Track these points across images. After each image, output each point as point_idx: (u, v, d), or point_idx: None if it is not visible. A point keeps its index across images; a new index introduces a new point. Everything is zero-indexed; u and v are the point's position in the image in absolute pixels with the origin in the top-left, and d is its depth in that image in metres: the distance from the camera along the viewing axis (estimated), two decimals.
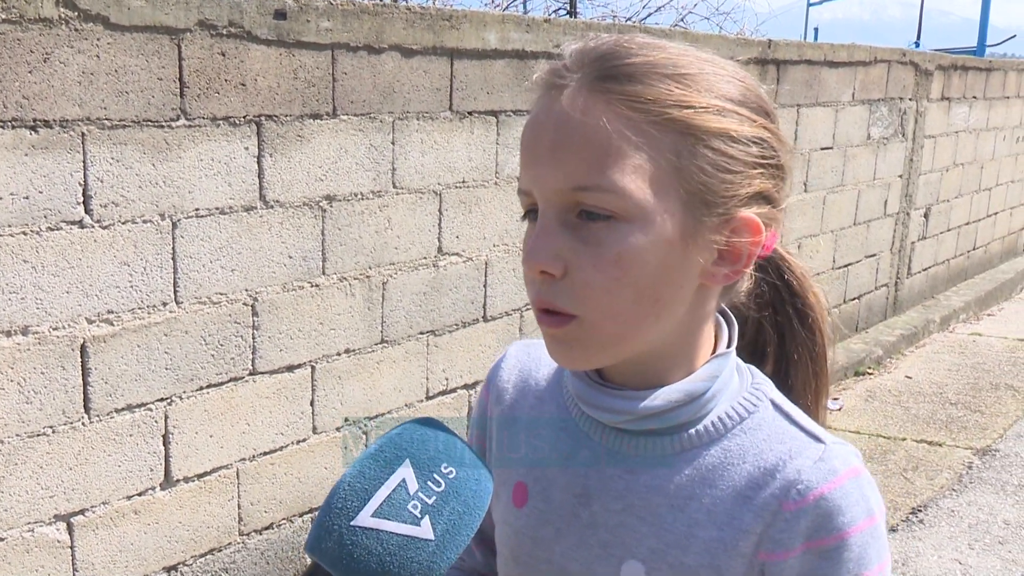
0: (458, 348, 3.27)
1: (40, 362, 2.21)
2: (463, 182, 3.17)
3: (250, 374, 2.66)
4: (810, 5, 18.00)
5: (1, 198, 2.10)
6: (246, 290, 2.61)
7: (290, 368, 2.76)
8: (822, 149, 5.17)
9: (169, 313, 2.44)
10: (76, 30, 2.16)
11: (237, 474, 2.68)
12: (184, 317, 2.47)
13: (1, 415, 2.17)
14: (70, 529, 2.33)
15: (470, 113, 3.14)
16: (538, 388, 1.01)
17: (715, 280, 0.87)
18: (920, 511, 3.81)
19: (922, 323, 6.24)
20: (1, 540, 2.21)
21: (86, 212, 2.24)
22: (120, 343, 2.35)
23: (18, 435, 2.20)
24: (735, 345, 0.93)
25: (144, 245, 2.36)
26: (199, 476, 2.58)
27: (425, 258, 3.09)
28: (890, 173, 5.91)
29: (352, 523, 0.74)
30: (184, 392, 2.50)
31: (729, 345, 0.92)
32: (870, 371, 5.51)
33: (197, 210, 2.46)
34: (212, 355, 2.56)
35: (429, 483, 0.76)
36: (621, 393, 0.90)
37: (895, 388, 5.29)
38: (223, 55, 2.44)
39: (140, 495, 2.45)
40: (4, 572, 2.21)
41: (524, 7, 7.64)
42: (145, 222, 2.36)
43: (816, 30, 18.83)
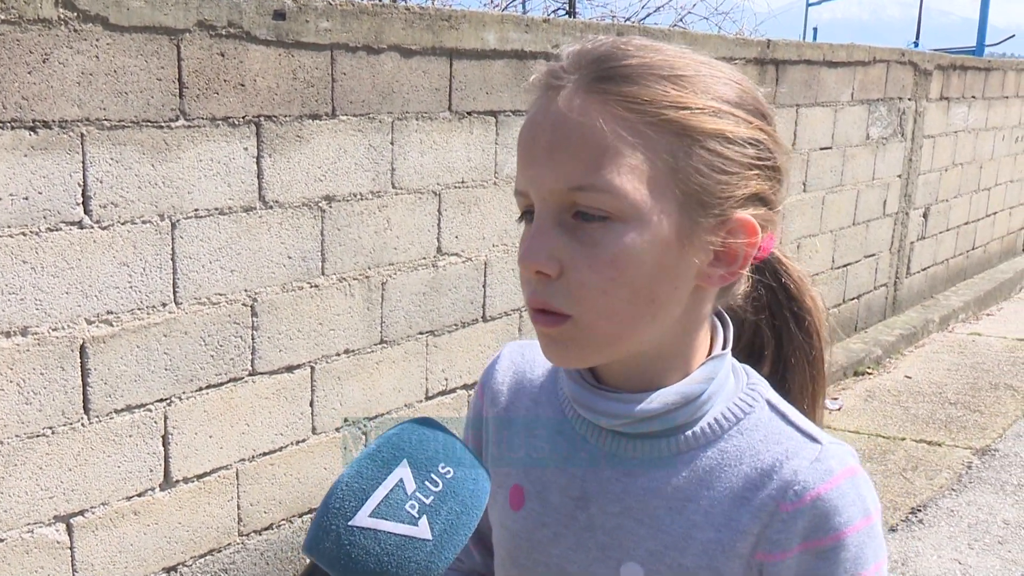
0: (457, 348, 3.27)
1: (39, 363, 2.21)
2: (462, 182, 3.17)
3: (249, 375, 2.67)
4: (809, 5, 17.99)
5: (0, 199, 2.10)
6: (245, 290, 2.61)
7: (289, 368, 2.77)
8: (821, 149, 5.18)
9: (168, 314, 2.44)
10: (75, 31, 2.16)
11: (236, 475, 2.68)
12: (183, 318, 2.47)
13: (0, 416, 2.17)
14: (69, 530, 2.33)
15: (469, 113, 3.14)
16: (533, 389, 1.01)
17: (711, 281, 0.87)
18: (920, 511, 3.81)
19: (921, 323, 6.24)
20: (1, 541, 2.21)
21: (85, 213, 2.25)
22: (119, 344, 2.35)
23: (17, 436, 2.20)
24: (731, 347, 0.93)
25: (143, 246, 2.36)
26: (199, 477, 2.58)
27: (424, 258, 3.10)
28: (889, 173, 5.91)
29: (350, 523, 0.75)
30: (183, 393, 2.50)
31: (725, 347, 0.92)
32: (869, 371, 5.51)
33: (196, 211, 2.46)
34: (211, 356, 2.56)
35: (427, 483, 0.77)
36: (617, 396, 0.90)
37: (894, 388, 5.29)
38: (222, 55, 2.44)
39: (140, 496, 2.46)
40: (4, 573, 2.21)
41: (523, 7, 7.64)
42: (144, 223, 2.36)
43: (815, 30, 18.81)
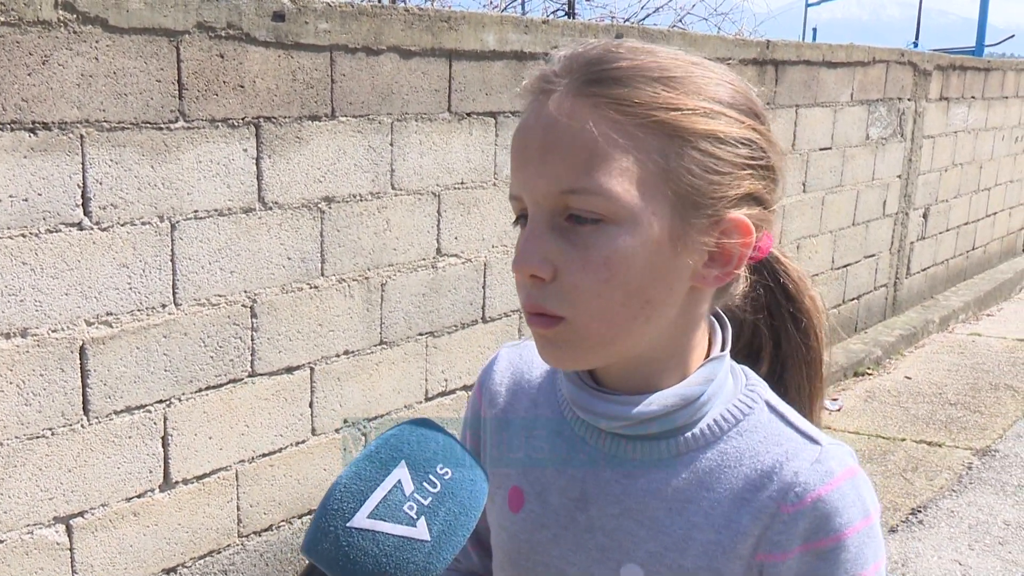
0: (457, 349, 3.27)
1: (39, 364, 2.21)
2: (462, 183, 3.17)
3: (249, 376, 2.66)
4: (808, 5, 17.98)
5: (0, 200, 2.10)
6: (245, 292, 2.61)
7: (289, 370, 2.77)
8: (821, 149, 5.18)
9: (168, 315, 2.44)
10: (75, 32, 2.16)
11: (236, 476, 2.68)
12: (183, 319, 2.47)
13: (0, 417, 2.17)
14: (69, 531, 2.33)
15: (469, 114, 3.14)
16: (531, 390, 1.01)
17: (706, 282, 0.87)
18: (920, 512, 3.81)
19: (921, 323, 6.24)
20: (0, 542, 2.21)
21: (85, 214, 2.25)
22: (119, 345, 2.35)
23: (17, 437, 2.20)
24: (729, 348, 0.93)
25: (143, 247, 2.36)
26: (198, 478, 2.58)
27: (424, 259, 3.10)
28: (889, 173, 5.91)
29: (348, 524, 0.75)
30: (183, 394, 2.50)
31: (723, 348, 0.92)
32: (869, 371, 5.51)
33: (196, 212, 2.46)
34: (211, 357, 2.56)
35: (425, 484, 0.77)
36: (616, 398, 0.90)
37: (894, 388, 5.29)
38: (222, 57, 2.45)
39: (139, 497, 2.46)
40: (4, 574, 2.21)
41: (522, 8, 7.64)
42: (144, 224, 2.36)
43: (814, 30, 18.80)
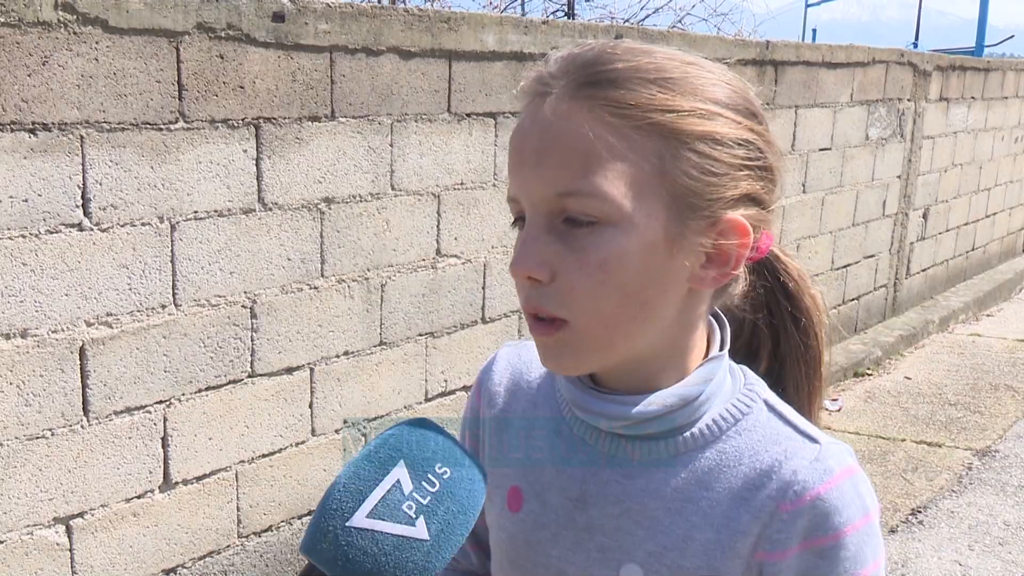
0: (457, 350, 3.27)
1: (39, 365, 2.21)
2: (461, 184, 3.17)
3: (249, 376, 2.67)
4: (808, 6, 17.98)
5: (0, 201, 2.10)
6: (245, 292, 2.61)
7: (289, 370, 2.77)
8: (820, 150, 5.18)
9: (168, 316, 2.44)
10: (75, 33, 2.16)
11: (236, 476, 2.68)
12: (183, 319, 2.48)
13: (0, 418, 2.17)
14: (69, 532, 2.33)
15: (468, 115, 3.14)
16: (530, 391, 1.01)
17: (703, 283, 0.87)
18: (920, 512, 3.81)
19: (921, 324, 6.24)
20: (0, 543, 2.21)
21: (85, 215, 2.25)
22: (119, 346, 2.35)
23: (17, 438, 2.20)
24: (727, 348, 0.93)
25: (143, 248, 2.36)
26: (198, 478, 2.58)
27: (424, 260, 3.10)
28: (889, 174, 5.92)
29: (347, 524, 0.75)
30: (183, 394, 2.50)
31: (722, 348, 0.92)
32: (869, 372, 5.51)
33: (196, 212, 2.46)
34: (211, 357, 2.56)
35: (423, 483, 0.77)
36: (615, 398, 0.90)
37: (894, 389, 5.29)
38: (221, 58, 2.45)
39: (139, 497, 2.46)
40: (3, 574, 2.21)
41: (522, 9, 7.64)
42: (144, 225, 2.36)
43: (814, 31, 18.80)
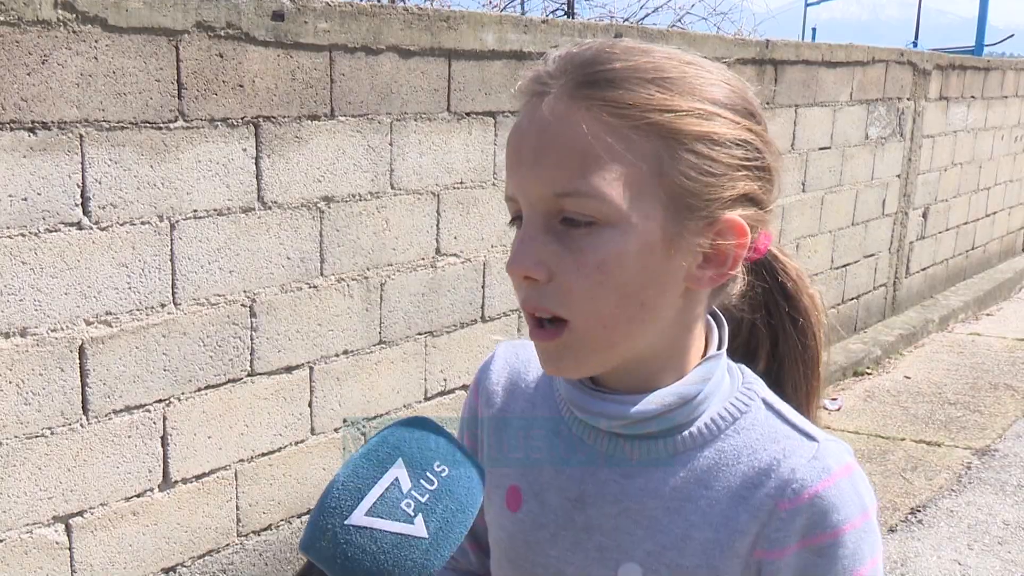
0: (456, 349, 3.27)
1: (38, 364, 2.21)
2: (461, 183, 3.17)
3: (248, 375, 2.67)
4: (808, 5, 17.99)
5: None
6: (244, 291, 2.61)
7: (288, 369, 2.77)
8: (820, 149, 5.18)
9: (167, 314, 2.44)
10: (74, 32, 2.16)
11: (235, 475, 2.68)
12: (182, 318, 2.48)
13: (0, 416, 2.17)
14: (68, 530, 2.33)
15: (468, 114, 3.14)
16: (528, 390, 1.01)
17: (701, 284, 0.87)
18: (919, 511, 3.81)
19: (921, 323, 6.24)
20: (0, 541, 2.21)
21: (84, 214, 2.25)
22: (118, 344, 2.35)
23: (16, 436, 2.20)
24: (726, 347, 0.93)
25: (142, 247, 2.36)
26: (197, 477, 2.58)
27: (423, 259, 3.10)
28: (888, 173, 5.92)
29: (346, 522, 0.75)
30: (182, 393, 2.50)
31: (720, 347, 0.92)
32: (869, 371, 5.51)
33: (195, 211, 2.46)
34: (210, 356, 2.56)
35: (422, 481, 0.77)
36: (613, 398, 0.90)
37: (894, 388, 5.29)
38: (221, 56, 2.45)
39: (138, 496, 2.46)
40: (3, 573, 2.21)
41: (522, 8, 7.65)
42: (143, 224, 2.36)
43: (814, 30, 18.81)
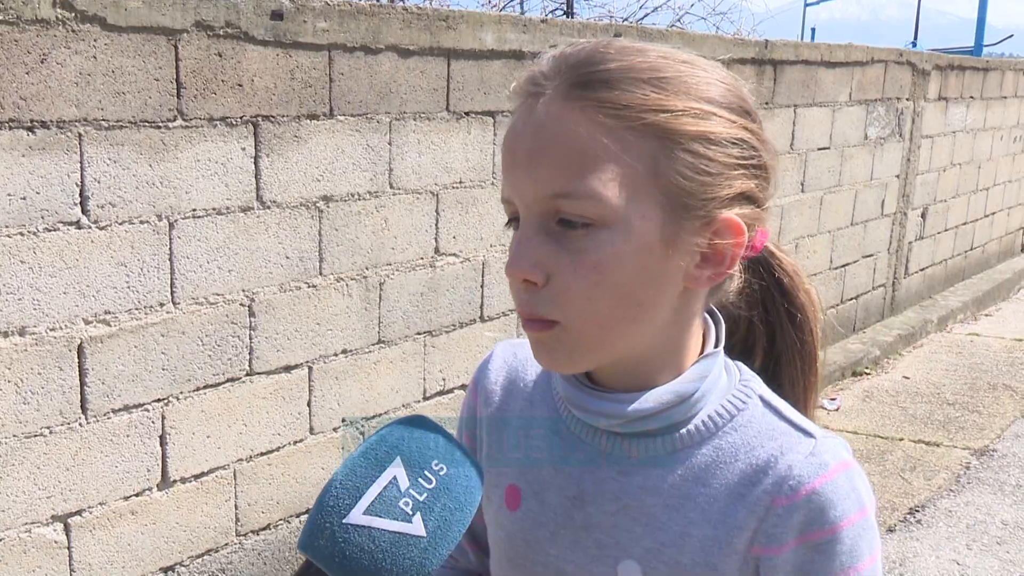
0: (455, 348, 3.27)
1: (37, 363, 2.21)
2: (460, 182, 3.17)
3: (247, 375, 2.67)
4: (807, 5, 18.00)
5: None
6: (243, 291, 2.61)
7: (287, 368, 2.77)
8: (819, 149, 5.18)
9: (166, 314, 2.44)
10: (73, 31, 2.16)
11: (234, 475, 2.68)
12: (181, 318, 2.48)
13: None
14: (67, 530, 2.33)
15: (467, 113, 3.14)
16: (527, 389, 1.01)
17: (698, 283, 0.87)
18: (918, 511, 3.81)
19: (919, 323, 6.24)
20: None
21: (83, 213, 2.25)
22: (117, 344, 2.35)
23: (15, 436, 2.20)
24: (723, 344, 0.93)
25: (141, 246, 2.37)
26: (196, 477, 2.58)
27: (422, 258, 3.10)
28: (887, 173, 5.92)
29: (344, 521, 0.75)
30: (181, 393, 2.50)
31: (717, 345, 0.93)
32: (867, 371, 5.51)
33: (194, 211, 2.46)
34: (209, 356, 2.56)
35: (420, 480, 0.77)
36: (610, 396, 0.90)
37: (892, 388, 5.29)
38: (220, 56, 2.45)
39: (137, 496, 2.46)
40: (2, 573, 2.21)
41: (521, 7, 7.65)
42: (142, 223, 2.36)
43: (813, 30, 18.83)
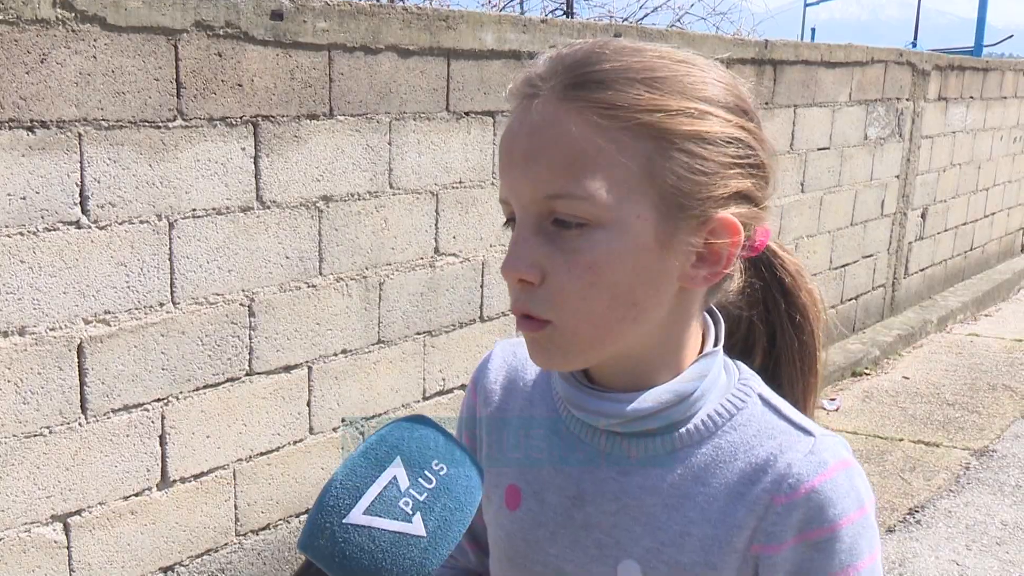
0: (455, 348, 3.27)
1: (37, 363, 2.21)
2: (460, 182, 3.17)
3: (247, 374, 2.67)
4: (807, 5, 17.99)
5: None
6: (243, 290, 2.61)
7: (287, 368, 2.77)
8: (819, 149, 5.18)
9: (166, 314, 2.44)
10: (73, 31, 2.16)
11: (234, 474, 2.68)
12: (181, 318, 2.48)
13: None
14: (67, 529, 2.33)
15: (467, 113, 3.14)
16: (526, 389, 1.01)
17: (695, 283, 0.87)
18: (917, 512, 3.81)
19: (919, 324, 6.24)
20: None
21: (83, 213, 2.25)
22: (117, 344, 2.35)
23: (15, 435, 2.20)
24: (722, 344, 0.93)
25: (141, 246, 2.36)
26: (196, 476, 2.58)
27: (422, 258, 3.10)
28: (887, 173, 5.92)
29: (344, 521, 0.75)
30: (181, 392, 2.50)
31: (716, 343, 0.93)
32: (867, 371, 5.51)
33: (194, 211, 2.46)
34: (209, 356, 2.56)
35: (420, 480, 0.77)
36: (610, 396, 0.90)
37: (892, 389, 5.29)
38: (220, 56, 2.45)
39: (137, 495, 2.46)
40: (1, 573, 2.21)
41: (521, 7, 7.65)
42: (142, 223, 2.36)
43: (813, 30, 18.82)
